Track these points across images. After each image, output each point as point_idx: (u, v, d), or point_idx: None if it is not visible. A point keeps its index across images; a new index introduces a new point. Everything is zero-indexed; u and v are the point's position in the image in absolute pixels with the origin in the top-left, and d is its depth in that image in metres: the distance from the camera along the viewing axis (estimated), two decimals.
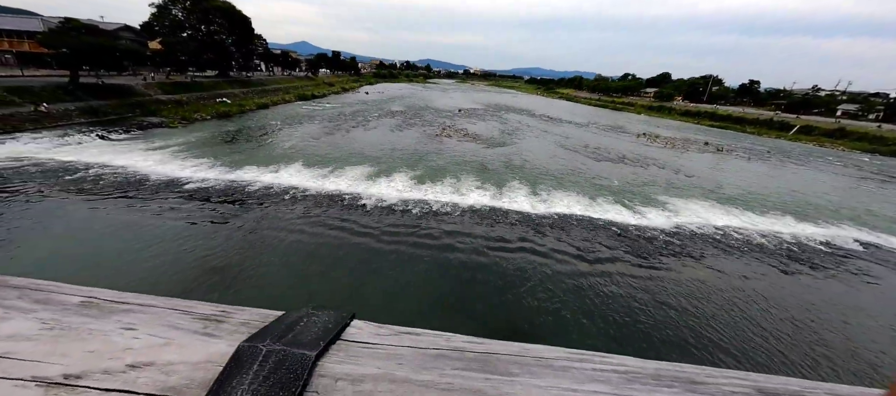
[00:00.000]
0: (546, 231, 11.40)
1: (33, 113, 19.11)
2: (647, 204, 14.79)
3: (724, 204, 15.91)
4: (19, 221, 9.60)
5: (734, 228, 13.14)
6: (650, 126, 49.11)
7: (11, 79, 24.23)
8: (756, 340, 7.20)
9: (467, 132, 29.55)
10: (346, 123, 30.12)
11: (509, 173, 17.86)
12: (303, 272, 8.32)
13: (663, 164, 23.60)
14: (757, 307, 8.35)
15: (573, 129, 38.54)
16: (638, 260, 10.04)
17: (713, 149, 32.51)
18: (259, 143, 20.74)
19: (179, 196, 12.03)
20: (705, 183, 19.72)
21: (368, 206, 12.23)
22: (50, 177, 12.81)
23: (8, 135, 16.79)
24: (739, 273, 9.92)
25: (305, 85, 58.59)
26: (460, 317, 7.19)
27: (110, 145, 17.42)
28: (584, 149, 26.60)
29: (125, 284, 7.30)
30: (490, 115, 44.55)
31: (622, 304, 7.95)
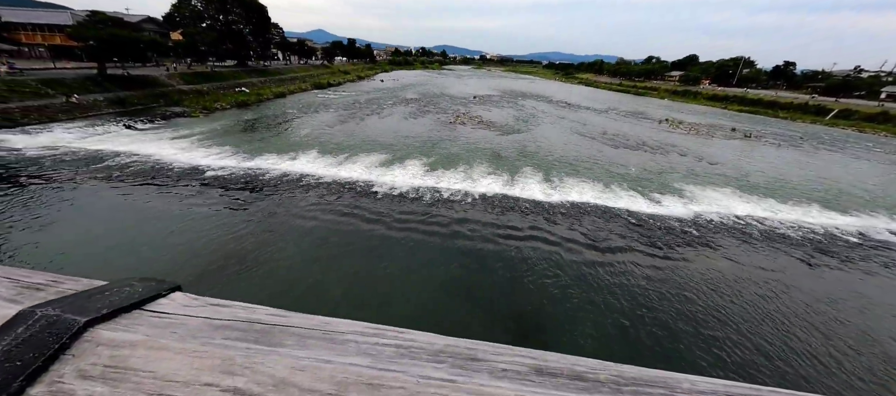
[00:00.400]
0: (557, 219, 11.25)
1: (65, 104, 20.09)
2: (664, 193, 14.33)
3: (747, 193, 15.23)
4: (54, 206, 10.21)
5: (757, 218, 12.60)
6: (673, 111, 47.19)
7: (45, 71, 25.47)
8: (772, 336, 6.96)
9: (481, 119, 29.22)
10: (360, 111, 30.29)
11: (522, 160, 17.62)
12: (314, 257, 8.54)
13: (685, 151, 22.72)
14: (776, 300, 8.04)
15: (591, 116, 37.49)
16: (652, 249, 9.80)
17: (740, 136, 31.01)
18: (276, 132, 21.17)
19: (200, 183, 12.48)
20: (729, 171, 18.89)
21: (380, 194, 12.36)
22: (81, 164, 13.52)
23: (43, 126, 17.76)
24: (759, 264, 9.54)
25: (321, 73, 59.06)
26: (467, 303, 7.25)
27: (136, 134, 18.17)
28: (602, 136, 25.89)
29: (148, 266, 7.71)
30: (505, 102, 43.82)
31: (633, 293, 7.81)
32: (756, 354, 6.40)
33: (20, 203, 10.27)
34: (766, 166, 20.63)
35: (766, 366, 6.15)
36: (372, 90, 49.28)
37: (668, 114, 43.37)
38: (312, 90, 44.63)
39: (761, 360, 6.29)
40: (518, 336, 6.52)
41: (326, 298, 7.03)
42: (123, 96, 23.62)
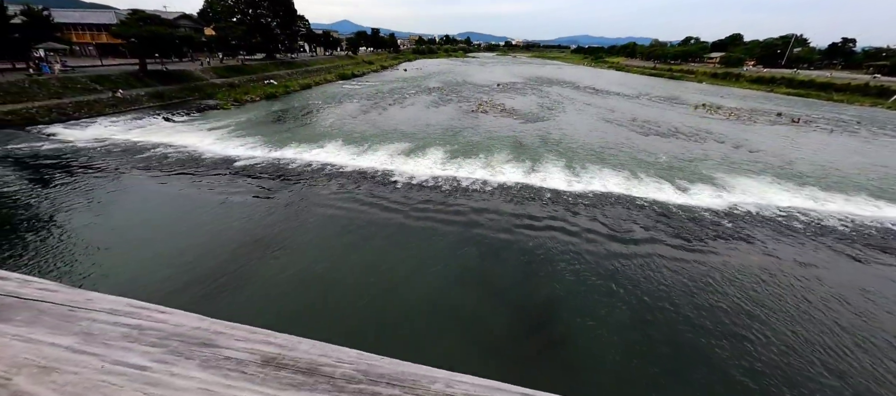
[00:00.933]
0: (579, 209, 10.94)
1: (111, 99, 21.56)
2: (696, 182, 13.56)
3: (791, 183, 14.14)
4: (104, 193, 11.07)
5: (800, 209, 11.69)
6: (712, 96, 44.24)
7: (93, 68, 27.37)
8: (810, 341, 6.49)
9: (504, 107, 28.69)
10: (383, 101, 30.54)
11: (545, 149, 17.19)
12: (335, 244, 8.80)
13: (722, 138, 21.33)
14: (816, 300, 7.48)
15: (620, 102, 35.88)
16: (678, 242, 9.35)
17: (787, 121, 28.65)
18: (301, 122, 21.78)
19: (231, 173, 13.10)
20: (771, 159, 17.57)
21: (399, 183, 12.49)
22: (126, 155, 14.53)
23: (92, 119, 19.19)
24: (800, 259, 8.89)
25: (346, 64, 59.86)
26: (482, 292, 7.25)
27: (174, 126, 19.26)
28: (631, 123, 24.75)
29: (184, 249, 8.22)
30: (530, 89, 42.73)
31: (654, 287, 7.51)
32: (788, 358, 6.01)
33: (76, 190, 11.21)
34: (815, 153, 19.01)
35: (800, 374, 5.76)
36: (395, 80, 49.47)
37: (705, 98, 40.74)
38: (337, 81, 45.39)
39: (793, 367, 5.90)
40: (532, 325, 6.47)
41: (344, 284, 7.24)
42: (162, 90, 25.03)
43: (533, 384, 1.98)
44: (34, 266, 7.57)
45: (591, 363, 5.73)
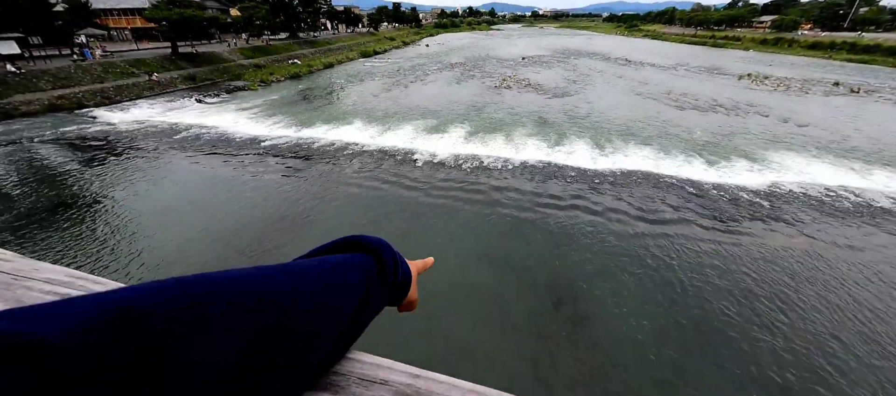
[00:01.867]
0: (604, 188, 10.59)
1: (148, 82, 22.63)
2: (733, 160, 12.72)
3: (842, 159, 12.97)
4: (146, 174, 11.83)
5: (852, 189, 10.75)
6: (759, 65, 40.67)
7: (129, 53, 28.69)
8: (852, 334, 6.09)
9: (529, 82, 27.71)
10: (404, 78, 30.27)
11: (570, 126, 16.58)
12: (358, 221, 9.04)
13: (768, 111, 19.72)
14: (867, 290, 6.95)
15: (655, 73, 33.72)
16: (711, 223, 8.90)
17: (845, 91, 25.97)
18: (325, 102, 22.05)
19: (258, 152, 13.59)
20: (823, 133, 16.12)
21: (421, 162, 12.52)
22: (163, 136, 15.35)
23: (132, 102, 20.30)
24: (848, 242, 8.25)
25: (367, 41, 59.43)
26: (503, 271, 7.28)
27: (205, 108, 20.06)
28: (665, 97, 23.30)
29: (219, 226, 8.72)
30: (557, 62, 40.91)
31: (682, 269, 7.25)
32: (826, 354, 5.69)
33: (122, 170, 12.04)
34: (874, 127, 17.23)
35: (838, 372, 5.46)
36: (416, 56, 48.70)
37: (751, 68, 37.53)
38: (359, 59, 45.28)
39: (832, 363, 5.59)
40: (554, 303, 6.46)
41: None
42: (194, 73, 25.96)
43: (552, 361, 1.99)
44: (87, 242, 8.29)
45: (614, 343, 5.68)
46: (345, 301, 0.41)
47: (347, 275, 0.43)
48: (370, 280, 0.46)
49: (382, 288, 0.48)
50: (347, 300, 0.42)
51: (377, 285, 0.47)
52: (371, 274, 0.46)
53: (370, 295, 0.45)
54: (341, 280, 0.42)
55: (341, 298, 0.41)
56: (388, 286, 0.49)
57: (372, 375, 0.49)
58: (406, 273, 0.54)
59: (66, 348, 0.21)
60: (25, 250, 7.76)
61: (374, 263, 0.48)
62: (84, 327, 0.22)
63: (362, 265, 0.46)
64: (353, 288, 0.43)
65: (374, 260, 0.48)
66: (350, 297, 0.42)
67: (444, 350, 5.56)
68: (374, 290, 0.46)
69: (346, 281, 0.42)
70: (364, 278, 0.45)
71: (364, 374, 0.49)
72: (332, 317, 0.39)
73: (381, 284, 0.48)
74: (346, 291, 0.42)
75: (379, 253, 0.49)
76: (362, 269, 0.45)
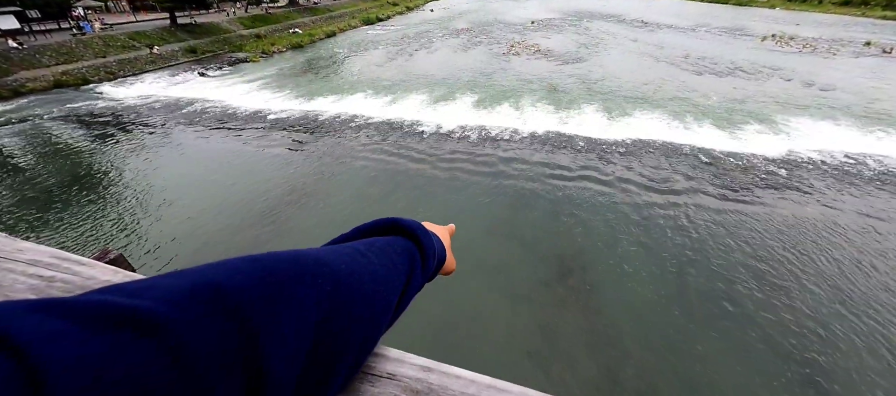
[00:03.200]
0: (614, 158, 10.38)
1: (150, 56, 22.32)
2: (750, 126, 12.27)
3: (867, 125, 12.42)
4: (156, 149, 11.92)
5: (874, 155, 10.36)
6: (785, 24, 38.25)
7: (129, 24, 28.14)
8: (863, 305, 6.03)
9: (538, 48, 26.59)
10: (409, 46, 29.31)
11: (581, 94, 16.04)
12: (364, 194, 9.08)
13: (790, 75, 18.75)
14: (882, 260, 6.82)
15: (672, 36, 32.03)
16: (723, 192, 8.72)
17: (877, 52, 24.43)
18: (328, 73, 21.60)
19: (263, 126, 13.52)
20: (848, 97, 15.35)
21: (427, 133, 12.35)
22: (168, 111, 15.32)
23: (137, 77, 20.14)
24: (865, 211, 8.05)
25: (369, 7, 57.13)
26: (510, 241, 7.32)
27: (209, 81, 19.83)
28: (683, 61, 22.24)
29: (230, 200, 8.85)
30: (568, 26, 39.02)
31: (691, 240, 7.20)
32: (833, 322, 5.68)
33: (132, 146, 12.14)
34: None
35: (844, 341, 5.46)
36: (421, 22, 46.85)
37: (776, 27, 35.36)
38: (361, 26, 43.78)
39: (837, 333, 5.58)
40: (559, 274, 6.53)
41: None
42: (194, 45, 25.46)
43: (561, 329, 1.99)
44: (102, 217, 8.51)
45: (618, 310, 5.76)
46: (394, 283, 0.41)
47: (394, 258, 0.43)
48: (414, 262, 0.46)
49: (424, 271, 0.48)
50: (397, 282, 0.42)
51: (420, 267, 0.47)
52: (414, 257, 0.46)
53: (413, 277, 0.45)
54: (389, 262, 0.42)
55: (391, 280, 0.41)
56: (429, 269, 0.49)
57: (378, 368, 0.45)
58: (441, 251, 0.55)
59: (179, 323, 0.22)
60: (40, 227, 8.02)
61: (414, 246, 0.47)
62: (187, 304, 0.23)
63: (405, 247, 0.46)
64: (399, 271, 0.43)
65: (414, 242, 0.48)
66: (398, 280, 0.42)
67: (456, 320, 5.71)
68: (417, 272, 0.46)
69: (393, 263, 0.42)
70: (408, 261, 0.45)
71: (368, 367, 0.45)
72: (385, 299, 0.39)
73: (424, 267, 0.48)
74: (395, 273, 0.42)
75: (417, 236, 0.48)
76: (406, 252, 0.45)
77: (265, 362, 0.25)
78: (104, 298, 0.21)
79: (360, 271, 0.37)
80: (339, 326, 0.32)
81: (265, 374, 0.25)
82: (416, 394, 0.42)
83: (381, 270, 0.40)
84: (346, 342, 0.33)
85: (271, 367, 0.25)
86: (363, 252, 0.40)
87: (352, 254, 0.38)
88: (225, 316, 0.24)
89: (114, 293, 0.23)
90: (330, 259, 0.35)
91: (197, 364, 0.21)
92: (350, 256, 0.38)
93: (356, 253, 0.39)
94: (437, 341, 5.27)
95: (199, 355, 0.22)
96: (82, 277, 0.53)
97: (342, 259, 0.36)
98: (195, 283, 0.25)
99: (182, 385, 0.20)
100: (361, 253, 0.40)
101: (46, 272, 0.53)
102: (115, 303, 0.21)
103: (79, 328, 0.19)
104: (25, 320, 0.18)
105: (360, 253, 0.39)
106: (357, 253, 0.39)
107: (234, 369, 0.23)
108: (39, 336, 0.17)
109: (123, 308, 0.21)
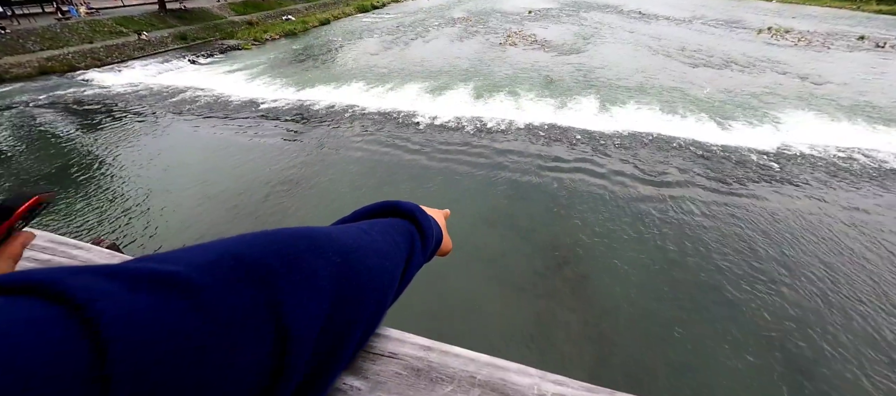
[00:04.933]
0: (609, 150, 10.41)
1: (138, 42, 21.77)
2: (744, 120, 12.35)
3: (857, 119, 12.57)
4: (147, 139, 11.70)
5: (864, 149, 10.50)
6: (781, 17, 38.31)
7: (115, 9, 27.35)
8: (847, 293, 6.16)
9: (535, 38, 26.37)
10: (404, 35, 28.89)
11: (578, 85, 15.99)
12: (359, 185, 9.03)
13: (785, 69, 18.84)
14: (867, 250, 6.96)
15: (669, 28, 31.92)
16: (716, 185, 8.80)
17: (870, 46, 24.61)
18: (323, 61, 21.27)
19: (256, 115, 13.32)
20: (840, 91, 15.49)
21: (422, 124, 12.26)
22: (158, 99, 15.02)
23: (124, 64, 19.65)
24: (853, 204, 8.19)
25: None
26: (506, 233, 7.35)
27: (200, 69, 19.43)
28: (679, 53, 22.22)
29: (224, 190, 8.75)
30: (565, 15, 38.70)
31: (684, 232, 7.28)
32: (820, 310, 5.81)
33: (122, 135, 11.90)
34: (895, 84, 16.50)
35: (830, 326, 5.60)
36: (417, 10, 46.13)
37: (773, 20, 35.40)
38: (356, 14, 43.02)
39: (824, 319, 5.72)
40: (554, 265, 6.59)
41: None
42: (184, 31, 24.86)
43: (556, 318, 1.99)
44: (92, 207, 8.38)
45: (612, 299, 5.85)
46: (396, 259, 0.43)
47: (396, 237, 0.45)
48: (413, 241, 0.47)
49: (423, 250, 0.50)
50: (398, 259, 0.43)
51: (420, 247, 0.49)
52: (414, 236, 0.48)
53: (413, 255, 0.47)
54: (392, 240, 0.44)
55: (394, 256, 0.43)
56: (428, 247, 0.51)
57: (379, 347, 0.46)
58: (439, 232, 0.58)
59: (211, 288, 0.24)
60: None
61: (413, 227, 0.49)
62: (217, 271, 0.25)
63: (405, 228, 0.48)
64: (401, 249, 0.45)
65: (413, 223, 0.50)
66: (400, 257, 0.44)
67: (452, 309, 5.76)
68: (416, 252, 0.48)
69: (395, 242, 0.44)
70: (408, 240, 0.47)
71: (370, 346, 0.46)
72: (390, 273, 0.41)
73: (423, 246, 0.50)
74: (397, 250, 0.44)
75: (416, 217, 0.50)
76: (406, 231, 0.47)
77: (291, 325, 0.26)
78: (144, 265, 0.23)
79: (366, 247, 0.39)
80: (350, 296, 0.34)
81: (290, 337, 0.26)
82: (417, 372, 0.43)
83: (385, 247, 0.42)
84: (356, 312, 0.35)
85: (295, 330, 0.27)
86: (366, 230, 0.42)
87: (357, 232, 0.40)
88: (251, 283, 0.26)
89: (149, 261, 0.25)
90: (339, 235, 0.37)
91: (230, 325, 0.23)
92: (356, 234, 0.40)
93: (360, 232, 0.41)
94: (433, 329, 5.31)
95: (231, 316, 0.23)
96: (80, 261, 0.52)
97: (349, 235, 0.38)
98: (221, 253, 0.27)
99: (218, 342, 0.22)
100: (365, 231, 0.42)
101: (43, 255, 0.52)
102: (154, 269, 0.23)
103: (125, 287, 0.21)
104: (77, 280, 0.20)
105: (364, 231, 0.41)
106: (361, 232, 0.41)
107: (264, 330, 0.25)
108: (92, 293, 0.19)
109: (162, 272, 0.23)
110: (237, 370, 0.23)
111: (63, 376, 0.15)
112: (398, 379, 0.42)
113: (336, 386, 0.41)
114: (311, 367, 0.30)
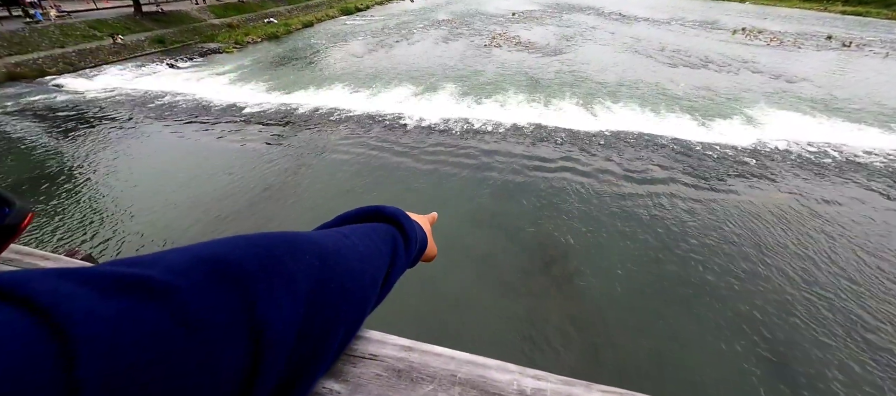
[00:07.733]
0: (594, 149, 10.59)
1: (113, 45, 21.06)
2: (722, 117, 12.76)
3: (829, 115, 13.14)
4: (123, 146, 11.31)
5: (836, 144, 10.98)
6: (754, 18, 39.79)
7: (89, 12, 26.43)
8: (821, 280, 6.44)
9: (520, 40, 26.67)
10: (389, 38, 28.80)
11: (562, 86, 16.24)
12: (347, 189, 8.94)
13: (760, 68, 19.56)
14: (838, 240, 7.28)
15: (648, 29, 32.75)
16: (696, 181, 9.06)
17: (837, 45, 25.79)
18: (306, 64, 21.00)
19: (239, 120, 13.05)
20: (811, 89, 16.17)
21: (409, 126, 12.23)
22: (136, 104, 14.55)
23: (98, 69, 18.97)
24: (824, 197, 8.55)
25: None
26: (493, 233, 7.39)
27: (179, 73, 18.91)
28: (659, 54, 22.81)
29: (206, 197, 8.53)
30: (548, 18, 39.25)
31: (667, 227, 7.47)
32: (795, 299, 6.05)
33: (96, 142, 11.48)
34: (862, 82, 17.33)
35: (806, 312, 5.83)
36: (401, 13, 46.05)
37: (746, 21, 36.71)
38: (340, 16, 42.66)
39: (799, 306, 5.95)
40: (545, 262, 6.65)
41: None
42: (162, 35, 24.20)
43: (543, 316, 2.02)
44: (67, 218, 8.05)
45: (598, 295, 5.95)
46: (378, 262, 0.43)
47: (377, 241, 0.45)
48: (396, 246, 0.48)
49: (406, 254, 0.50)
50: (380, 263, 0.43)
51: (403, 251, 0.49)
52: (397, 241, 0.48)
53: (396, 258, 0.47)
54: (373, 244, 0.44)
55: (374, 260, 0.43)
56: (411, 252, 0.51)
57: (360, 349, 0.46)
58: (423, 237, 0.57)
59: (184, 290, 0.23)
60: None
61: (397, 231, 0.49)
62: (191, 273, 0.25)
63: (388, 232, 0.48)
64: (382, 253, 0.45)
65: (396, 228, 0.50)
66: (381, 261, 0.44)
67: (440, 310, 5.74)
68: (399, 256, 0.48)
69: (377, 246, 0.44)
70: (391, 244, 0.47)
71: (351, 349, 0.46)
72: (371, 277, 0.41)
73: (406, 250, 0.50)
74: (378, 255, 0.44)
75: (399, 222, 0.51)
76: (388, 235, 0.47)
77: (266, 327, 0.26)
78: (115, 268, 0.23)
79: (346, 250, 0.39)
80: (330, 299, 0.34)
81: (265, 339, 0.26)
82: (398, 373, 0.43)
83: (366, 251, 0.42)
84: (336, 315, 0.35)
85: (270, 332, 0.26)
86: (347, 234, 0.42)
87: (337, 236, 0.40)
88: (226, 284, 0.26)
89: (121, 265, 0.24)
90: (319, 239, 0.37)
91: (203, 327, 0.23)
92: (336, 238, 0.40)
93: (341, 236, 0.41)
94: (420, 331, 5.30)
95: (204, 318, 0.23)
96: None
97: (330, 239, 0.38)
98: (196, 256, 0.27)
99: (191, 345, 0.22)
100: (346, 235, 0.42)
101: (8, 268, 0.50)
102: (125, 272, 0.22)
103: (95, 292, 0.20)
104: (45, 284, 0.19)
105: (345, 236, 0.41)
106: (342, 236, 0.41)
107: (238, 332, 0.25)
108: (60, 297, 0.18)
109: (134, 275, 0.22)
110: (212, 372, 0.22)
111: (30, 381, 0.15)
112: (379, 381, 0.42)
113: (316, 391, 0.40)
114: (289, 370, 0.29)
